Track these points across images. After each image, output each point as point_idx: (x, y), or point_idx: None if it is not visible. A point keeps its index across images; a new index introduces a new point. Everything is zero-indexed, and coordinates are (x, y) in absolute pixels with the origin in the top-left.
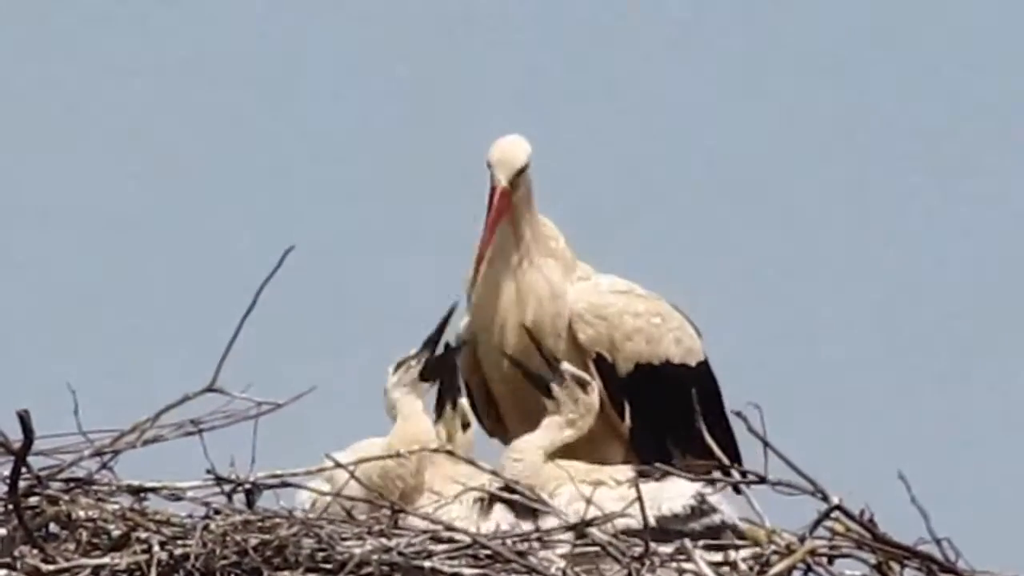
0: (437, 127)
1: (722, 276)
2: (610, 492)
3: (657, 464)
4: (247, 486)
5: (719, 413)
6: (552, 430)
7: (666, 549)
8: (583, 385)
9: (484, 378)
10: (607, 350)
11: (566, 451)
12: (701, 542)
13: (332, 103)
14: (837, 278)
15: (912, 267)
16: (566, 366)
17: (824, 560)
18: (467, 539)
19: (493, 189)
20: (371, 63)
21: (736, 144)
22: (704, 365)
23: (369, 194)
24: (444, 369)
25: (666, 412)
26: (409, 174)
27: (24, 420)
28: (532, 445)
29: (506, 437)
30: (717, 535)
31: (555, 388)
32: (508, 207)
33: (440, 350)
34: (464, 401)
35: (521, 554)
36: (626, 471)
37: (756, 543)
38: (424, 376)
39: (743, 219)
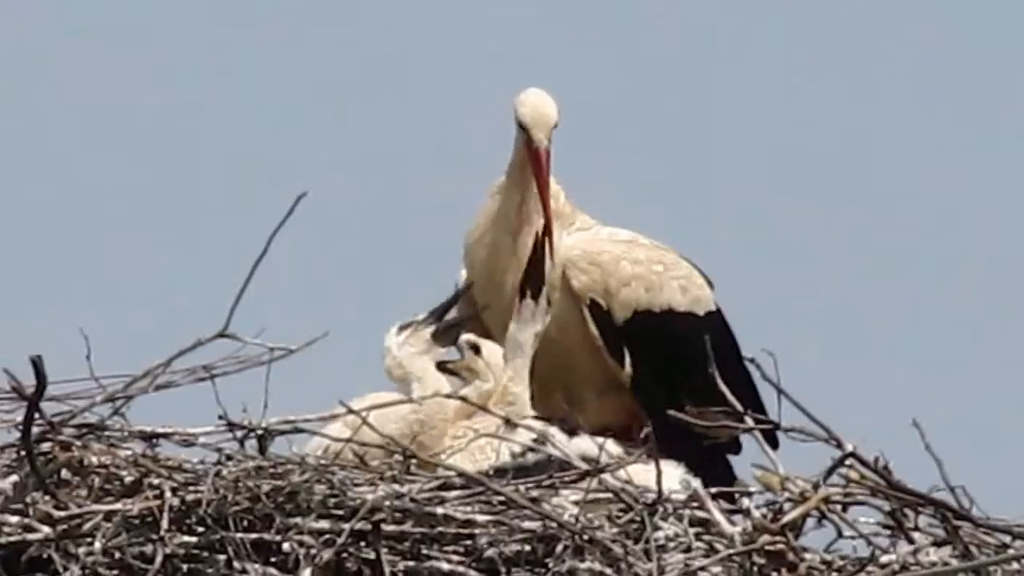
0: (446, 76)
1: (735, 223)
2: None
3: (670, 412)
4: (259, 432)
5: (734, 363)
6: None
7: (679, 496)
8: (476, 349)
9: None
10: (601, 296)
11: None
12: (714, 489)
13: (342, 45)
14: (849, 222)
15: (924, 209)
16: (463, 337)
17: (838, 508)
18: (480, 485)
19: (533, 151)
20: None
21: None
22: (714, 315)
23: (384, 141)
24: (454, 335)
25: (672, 361)
26: (426, 124)
27: (37, 366)
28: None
29: None
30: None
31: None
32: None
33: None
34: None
35: (534, 500)
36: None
37: (770, 490)
38: (438, 339)
39: (752, 163)
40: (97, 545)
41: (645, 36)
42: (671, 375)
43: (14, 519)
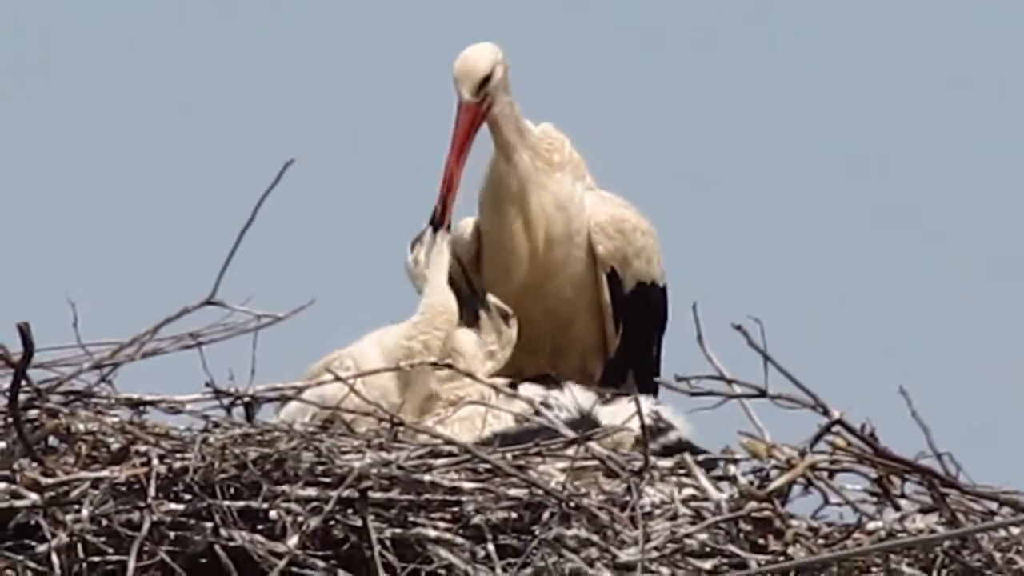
0: (437, 41)
1: (724, 193)
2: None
3: (657, 379)
4: (246, 399)
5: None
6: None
7: (665, 463)
8: (505, 317)
9: None
10: (620, 265)
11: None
12: (701, 456)
13: (330, 17)
14: (835, 190)
15: (908, 179)
16: (491, 298)
17: (824, 475)
18: (466, 453)
19: (459, 106)
20: None
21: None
22: (666, 288)
23: (369, 105)
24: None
25: (648, 331)
26: (411, 90)
27: (24, 333)
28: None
29: None
30: (674, 453)
31: (482, 316)
32: (475, 122)
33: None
34: (492, 298)
35: (520, 468)
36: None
37: (756, 457)
38: (435, 223)
39: (750, 161)
40: (84, 512)
41: (644, 34)
42: (646, 344)
43: (1, 486)
